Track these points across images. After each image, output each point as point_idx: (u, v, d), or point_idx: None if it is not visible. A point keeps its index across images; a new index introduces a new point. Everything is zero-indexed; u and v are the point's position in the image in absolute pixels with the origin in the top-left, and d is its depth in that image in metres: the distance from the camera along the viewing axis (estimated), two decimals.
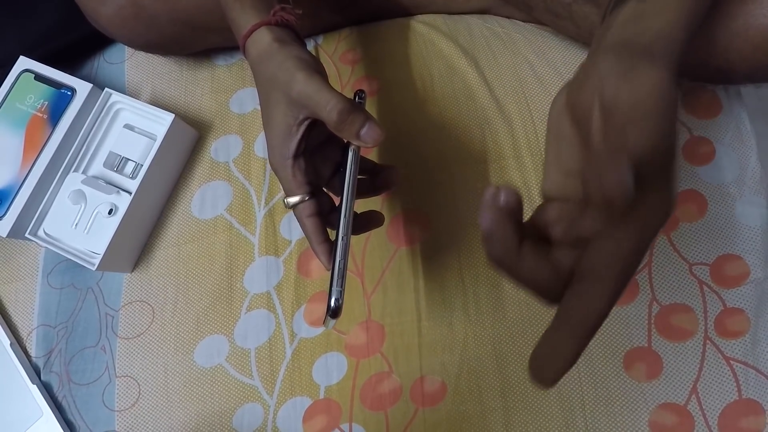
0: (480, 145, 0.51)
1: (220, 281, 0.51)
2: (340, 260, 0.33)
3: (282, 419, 0.46)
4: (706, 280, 0.46)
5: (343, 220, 0.34)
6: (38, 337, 0.52)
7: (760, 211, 0.47)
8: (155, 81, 0.59)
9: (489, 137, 0.51)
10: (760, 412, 0.43)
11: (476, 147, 0.51)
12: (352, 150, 0.36)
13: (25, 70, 0.54)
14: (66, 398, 0.50)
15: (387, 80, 0.55)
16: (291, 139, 0.35)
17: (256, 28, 0.36)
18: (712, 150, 0.49)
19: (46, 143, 0.52)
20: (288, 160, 0.36)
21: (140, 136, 0.53)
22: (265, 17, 0.36)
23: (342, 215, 0.35)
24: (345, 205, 0.35)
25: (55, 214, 0.51)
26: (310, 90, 0.33)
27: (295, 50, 0.35)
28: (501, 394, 0.44)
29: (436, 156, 0.51)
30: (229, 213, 0.53)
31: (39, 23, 0.57)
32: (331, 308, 0.33)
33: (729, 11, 0.38)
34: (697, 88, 0.51)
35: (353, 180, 0.36)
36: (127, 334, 0.51)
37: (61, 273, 0.54)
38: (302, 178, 0.36)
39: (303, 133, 0.35)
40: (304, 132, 0.35)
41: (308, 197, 0.37)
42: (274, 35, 0.36)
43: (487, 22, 0.57)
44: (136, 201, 0.50)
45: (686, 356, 0.44)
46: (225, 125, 0.56)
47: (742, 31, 0.38)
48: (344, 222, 0.34)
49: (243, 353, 0.48)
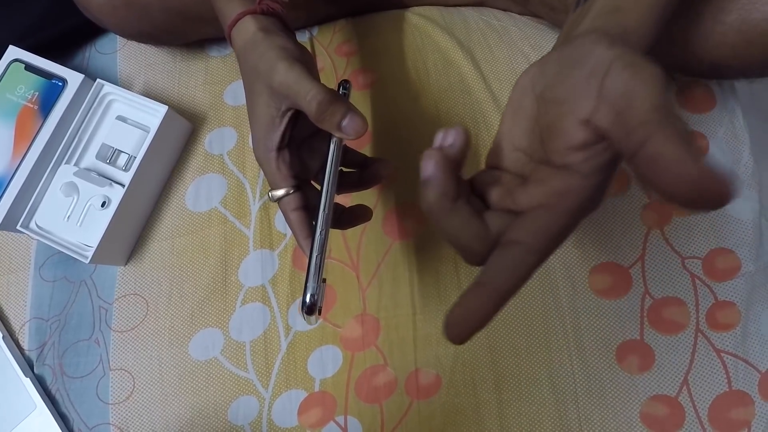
0: (475, 138, 0.51)
1: (215, 274, 0.51)
2: (317, 255, 0.33)
3: (277, 412, 0.46)
4: (699, 273, 0.46)
5: (322, 214, 0.34)
6: (31, 330, 0.52)
7: (752, 205, 0.48)
8: (148, 72, 0.59)
9: (484, 130, 0.51)
10: (749, 402, 0.43)
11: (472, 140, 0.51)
12: (334, 142, 0.35)
13: (15, 60, 0.53)
14: (59, 391, 0.50)
15: (382, 73, 0.55)
16: (274, 130, 0.35)
17: (241, 17, 0.35)
18: (705, 144, 0.49)
19: (37, 134, 0.52)
20: (272, 152, 0.35)
21: (133, 128, 0.52)
22: (250, 6, 0.36)
23: (321, 209, 0.34)
24: (324, 199, 0.34)
25: (47, 206, 0.50)
26: (291, 80, 0.32)
27: (280, 40, 0.35)
28: (495, 387, 0.45)
29: None
30: (223, 206, 0.53)
31: (29, 12, 0.56)
32: (306, 304, 0.32)
33: (723, 6, 0.39)
34: (691, 82, 0.51)
35: (334, 173, 0.35)
36: (121, 327, 0.51)
37: (54, 266, 0.54)
38: (287, 171, 0.36)
39: (286, 124, 0.35)
40: (287, 123, 0.35)
41: (293, 190, 0.36)
42: (260, 24, 0.35)
43: (484, 15, 0.57)
44: (129, 193, 0.49)
45: (678, 349, 0.45)
46: (219, 117, 0.56)
47: (736, 26, 0.38)
48: (322, 215, 0.34)
49: (238, 346, 0.48)
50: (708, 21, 0.39)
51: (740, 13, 0.38)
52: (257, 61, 0.34)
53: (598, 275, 0.47)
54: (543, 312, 0.46)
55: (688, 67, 0.44)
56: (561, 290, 0.46)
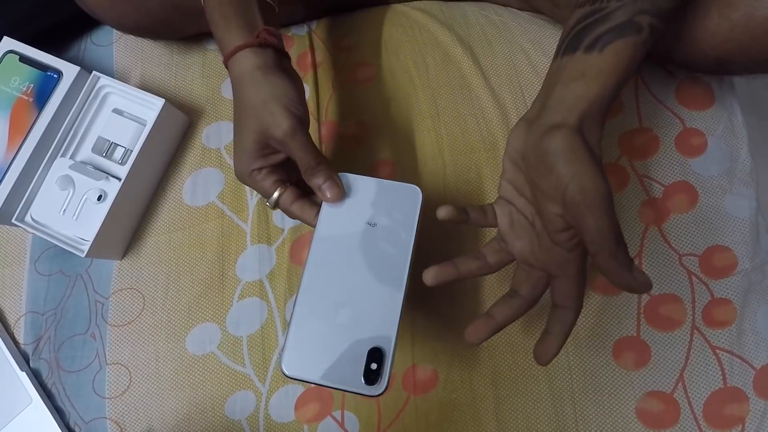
0: (474, 133, 0.51)
1: (212, 269, 0.50)
2: None
3: (274, 407, 0.46)
4: (695, 270, 0.47)
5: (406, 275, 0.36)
6: (27, 324, 0.52)
7: (749, 203, 0.48)
8: (145, 65, 0.58)
9: (483, 126, 0.51)
10: (743, 399, 0.44)
11: (470, 136, 0.51)
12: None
13: (10, 51, 0.53)
14: (55, 385, 0.50)
15: (381, 67, 0.55)
16: (255, 161, 0.38)
17: (239, 50, 0.37)
18: (704, 142, 0.49)
19: (32, 127, 0.51)
20: (252, 173, 0.38)
21: (129, 121, 0.52)
22: (248, 39, 0.37)
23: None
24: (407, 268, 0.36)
25: (42, 199, 0.50)
26: (289, 142, 0.36)
27: (279, 81, 0.37)
28: (492, 383, 0.45)
29: (429, 144, 0.51)
30: (221, 200, 0.52)
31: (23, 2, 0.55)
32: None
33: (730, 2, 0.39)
34: (691, 80, 0.51)
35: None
36: (117, 321, 0.50)
37: (50, 259, 0.53)
38: (270, 181, 0.38)
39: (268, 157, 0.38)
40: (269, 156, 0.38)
41: (284, 189, 0.38)
42: (258, 61, 0.37)
43: (484, 10, 0.56)
44: (125, 187, 0.49)
45: (674, 345, 0.45)
46: (217, 111, 0.56)
47: (743, 23, 0.38)
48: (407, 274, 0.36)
49: (235, 341, 0.48)
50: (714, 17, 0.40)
51: (747, 9, 0.38)
52: (255, 99, 0.37)
53: (595, 271, 0.47)
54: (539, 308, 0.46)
55: (694, 62, 0.44)
56: None
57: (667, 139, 0.50)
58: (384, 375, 0.31)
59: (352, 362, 0.32)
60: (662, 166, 0.49)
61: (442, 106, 0.52)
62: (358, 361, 0.32)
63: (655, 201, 0.48)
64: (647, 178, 0.49)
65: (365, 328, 0.33)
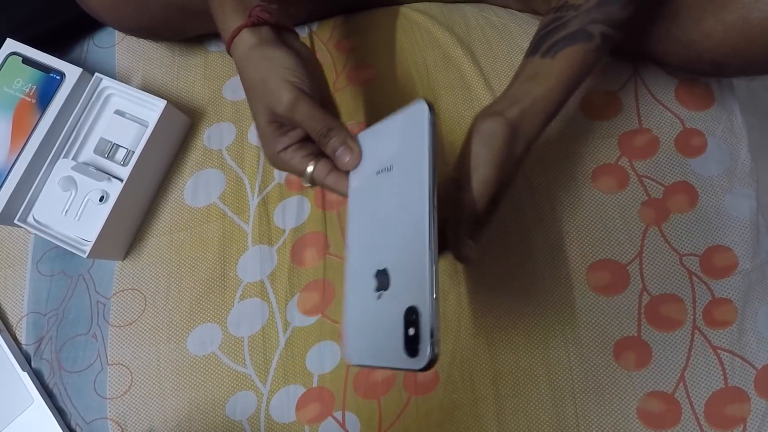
0: None
1: (213, 270, 0.51)
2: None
3: (275, 407, 0.46)
4: (696, 270, 0.47)
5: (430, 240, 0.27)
6: (28, 325, 0.52)
7: (750, 203, 0.48)
8: (146, 66, 0.58)
9: None
10: (745, 399, 0.44)
11: None
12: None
13: (13, 53, 0.53)
14: (57, 385, 0.50)
15: (382, 69, 0.55)
16: (277, 140, 0.36)
17: (238, 32, 0.36)
18: (704, 142, 0.49)
19: (34, 128, 0.52)
20: (279, 153, 0.36)
21: (131, 123, 0.52)
22: (244, 19, 0.36)
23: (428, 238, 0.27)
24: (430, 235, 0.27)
25: (44, 200, 0.50)
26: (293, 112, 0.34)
27: (277, 54, 0.35)
28: (493, 383, 0.45)
29: None
30: (222, 201, 0.53)
31: (26, 4, 0.56)
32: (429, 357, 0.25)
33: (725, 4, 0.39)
34: (691, 80, 0.51)
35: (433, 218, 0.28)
36: (119, 321, 0.51)
37: (51, 260, 0.53)
38: (299, 157, 0.36)
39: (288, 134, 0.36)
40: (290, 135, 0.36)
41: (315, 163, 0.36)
42: (255, 39, 0.36)
43: (483, 11, 0.57)
44: (127, 188, 0.49)
45: (675, 345, 0.45)
46: (218, 112, 0.56)
47: (738, 25, 0.39)
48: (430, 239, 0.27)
49: (236, 342, 0.48)
50: (709, 19, 0.40)
51: (742, 12, 0.38)
52: (255, 78, 0.35)
53: (596, 272, 0.47)
54: (541, 308, 0.46)
55: (690, 64, 0.44)
56: (559, 287, 0.46)
57: (667, 140, 0.50)
58: (423, 341, 0.25)
59: (394, 334, 0.27)
60: (662, 167, 0.49)
61: (443, 107, 0.52)
62: (397, 331, 0.26)
63: (656, 201, 0.48)
64: (647, 179, 0.49)
65: (401, 291, 0.28)
